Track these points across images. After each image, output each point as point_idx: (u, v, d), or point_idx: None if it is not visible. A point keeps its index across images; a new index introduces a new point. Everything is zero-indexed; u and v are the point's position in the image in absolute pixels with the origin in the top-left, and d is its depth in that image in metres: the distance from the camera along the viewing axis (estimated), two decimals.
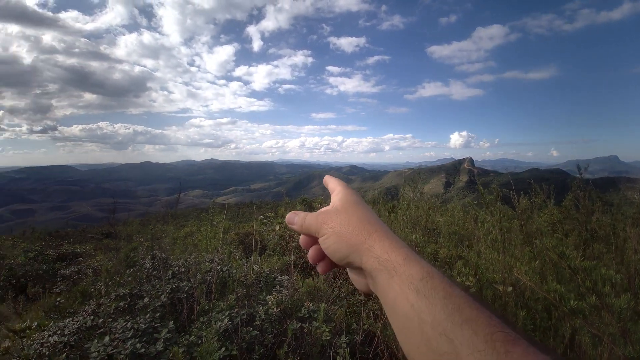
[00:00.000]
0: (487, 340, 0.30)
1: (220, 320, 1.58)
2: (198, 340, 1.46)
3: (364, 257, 0.42)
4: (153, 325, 1.48)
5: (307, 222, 0.49)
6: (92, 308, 1.86)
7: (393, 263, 0.39)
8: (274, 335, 1.65)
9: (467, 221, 4.03)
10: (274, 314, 1.70)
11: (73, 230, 11.40)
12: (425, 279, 0.36)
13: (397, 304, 0.37)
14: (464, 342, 0.31)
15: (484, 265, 2.09)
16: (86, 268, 4.51)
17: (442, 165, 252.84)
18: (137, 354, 1.27)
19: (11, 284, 5.11)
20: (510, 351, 0.29)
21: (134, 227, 8.22)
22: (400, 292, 0.37)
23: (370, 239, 0.42)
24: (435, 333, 0.32)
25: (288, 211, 0.76)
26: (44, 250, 6.52)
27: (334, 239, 0.45)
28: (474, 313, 0.32)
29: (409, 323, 0.35)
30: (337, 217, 0.46)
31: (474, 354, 0.30)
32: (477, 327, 0.31)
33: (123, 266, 2.39)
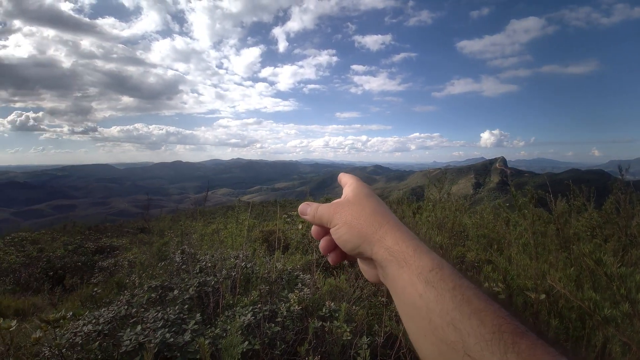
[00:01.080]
0: (495, 331, 0.30)
1: (244, 315, 1.63)
2: (223, 333, 1.52)
3: (374, 248, 0.42)
4: (182, 317, 1.56)
5: (319, 212, 0.50)
6: (126, 298, 1.99)
7: (403, 254, 0.39)
8: (295, 332, 1.67)
9: (497, 224, 3.84)
10: (295, 312, 1.73)
11: (111, 224, 12.17)
12: (434, 270, 0.36)
13: (405, 294, 0.38)
14: (471, 332, 0.31)
15: (514, 271, 1.99)
16: (122, 260, 4.80)
17: (472, 166, 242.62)
18: (166, 343, 1.34)
19: (48, 276, 5.55)
20: (518, 342, 0.29)
21: (165, 223, 8.64)
22: (410, 282, 0.37)
23: (382, 230, 0.42)
24: (442, 322, 0.33)
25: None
26: (84, 243, 7.03)
27: (345, 230, 0.45)
28: (482, 304, 0.32)
29: (416, 312, 0.36)
30: (349, 208, 0.47)
31: (480, 344, 0.30)
32: (485, 318, 0.31)
33: (155, 259, 2.52)
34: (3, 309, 4.11)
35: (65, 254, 6.14)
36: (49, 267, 5.64)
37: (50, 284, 5.26)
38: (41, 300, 4.66)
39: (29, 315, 3.98)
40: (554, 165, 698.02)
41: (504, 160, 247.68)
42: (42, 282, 5.32)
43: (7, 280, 5.33)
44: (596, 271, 1.26)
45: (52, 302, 4.53)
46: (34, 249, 6.40)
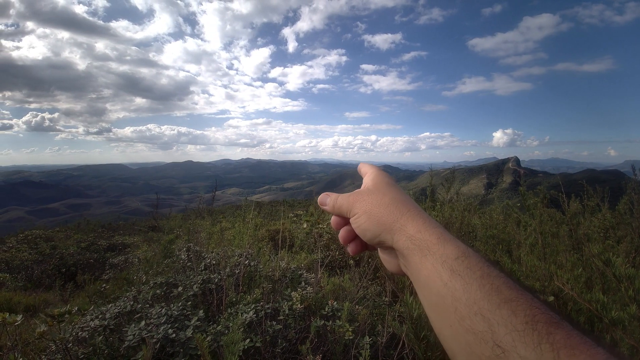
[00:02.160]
0: (528, 321, 0.28)
1: (246, 312, 1.64)
2: (225, 330, 1.53)
3: (395, 236, 0.41)
4: (185, 313, 1.58)
5: (339, 202, 0.49)
6: (132, 294, 2.03)
7: (426, 242, 0.38)
8: (297, 330, 1.67)
9: (508, 225, 3.77)
10: (298, 310, 1.73)
11: (124, 223, 12.44)
12: (460, 258, 0.35)
13: (429, 283, 0.36)
14: (501, 322, 0.29)
15: (522, 271, 1.95)
16: (132, 257, 4.90)
17: (484, 165, 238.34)
18: (169, 338, 1.36)
19: (61, 272, 5.69)
20: (553, 333, 0.27)
21: (175, 221, 8.78)
22: (434, 270, 0.36)
23: (403, 218, 0.41)
24: (470, 312, 0.31)
25: (318, 210, 0.76)
26: (96, 241, 7.20)
27: (365, 218, 0.44)
28: (513, 294, 0.31)
29: (441, 301, 0.34)
30: (369, 197, 0.46)
31: (511, 334, 0.28)
32: (517, 308, 0.30)
33: (161, 256, 2.57)
34: (13, 305, 4.20)
35: (77, 251, 6.30)
36: (62, 264, 5.80)
37: (62, 280, 5.39)
38: (53, 297, 4.78)
39: (39, 311, 4.08)
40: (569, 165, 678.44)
41: (517, 160, 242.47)
42: (54, 279, 5.46)
43: (19, 277, 5.49)
44: (606, 272, 1.22)
45: (63, 298, 4.64)
46: (47, 246, 6.58)
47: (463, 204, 3.35)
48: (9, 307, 4.09)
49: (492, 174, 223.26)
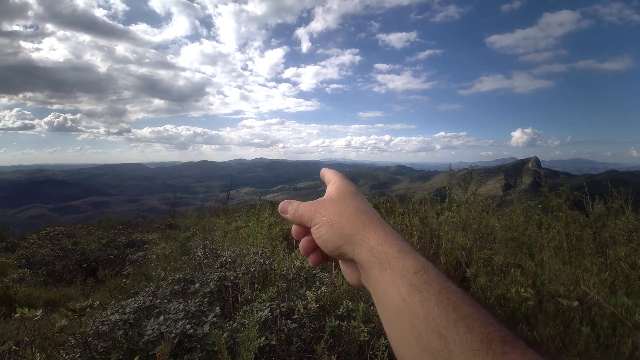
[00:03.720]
0: (483, 339, 0.28)
1: (261, 310, 1.65)
2: (240, 327, 1.54)
3: (356, 249, 0.39)
4: (202, 309, 1.60)
5: (300, 210, 0.46)
6: (151, 290, 2.07)
7: (386, 255, 0.37)
8: (312, 330, 1.67)
9: (529, 227, 3.64)
10: (312, 310, 1.72)
11: (142, 220, 12.81)
12: (419, 273, 0.34)
13: (388, 298, 0.35)
14: (457, 340, 0.28)
15: (545, 275, 1.87)
16: (151, 254, 5.02)
17: (501, 166, 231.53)
18: (187, 334, 1.38)
19: (82, 268, 5.87)
20: (508, 352, 0.27)
21: (191, 219, 8.96)
22: (392, 284, 0.35)
23: (364, 230, 0.40)
24: (427, 329, 0.30)
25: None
26: (117, 238, 7.43)
27: (326, 229, 0.42)
28: (470, 310, 0.30)
29: (399, 317, 0.33)
30: (331, 207, 0.44)
31: (466, 353, 0.28)
32: (473, 325, 0.29)
33: (179, 253, 2.62)
34: (33, 300, 4.26)
35: (98, 247, 6.52)
36: (83, 259, 6.00)
37: (84, 275, 5.57)
38: (74, 291, 4.93)
39: (59, 305, 4.19)
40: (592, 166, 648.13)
41: (537, 160, 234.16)
42: (76, 274, 5.63)
43: (40, 273, 5.66)
44: (631, 276, 1.16)
45: (84, 292, 4.80)
46: (70, 242, 6.84)
47: (481, 205, 3.26)
48: (28, 302, 4.15)
49: (510, 174, 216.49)
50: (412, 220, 3.40)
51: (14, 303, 4.04)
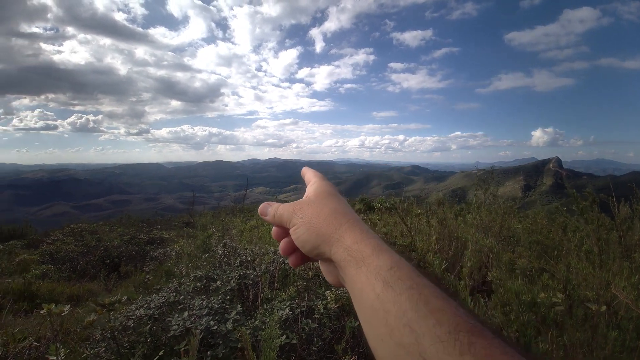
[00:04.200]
0: (451, 331, 0.28)
1: (282, 309, 1.66)
2: (262, 325, 1.56)
3: (333, 248, 0.40)
4: (224, 306, 1.62)
5: (279, 212, 0.47)
6: (174, 286, 2.12)
7: (361, 253, 0.37)
8: (332, 330, 1.67)
9: (552, 230, 3.51)
10: (332, 310, 1.72)
11: (160, 218, 13.17)
12: (393, 269, 0.35)
13: (363, 295, 0.36)
14: (426, 333, 0.29)
15: (575, 280, 1.80)
16: (170, 251, 5.15)
17: (521, 166, 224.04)
18: (210, 330, 1.40)
19: (105, 264, 6.06)
20: (474, 342, 0.27)
21: (207, 218, 9.14)
22: (367, 282, 0.35)
23: (341, 229, 0.41)
24: (399, 324, 0.31)
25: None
26: (137, 235, 7.66)
27: (304, 229, 0.43)
28: (439, 303, 0.31)
29: (374, 314, 0.34)
30: (309, 208, 0.45)
31: (435, 345, 0.28)
32: (442, 318, 0.30)
33: (200, 251, 2.67)
34: (56, 295, 4.38)
35: (120, 243, 6.73)
36: (106, 255, 6.21)
37: (107, 271, 5.75)
38: (97, 286, 5.10)
39: (83, 300, 4.31)
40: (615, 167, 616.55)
41: (558, 160, 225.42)
42: (99, 269, 5.83)
43: (63, 268, 5.86)
44: None
45: (107, 287, 4.96)
46: (93, 239, 7.10)
47: (503, 206, 3.16)
48: (51, 297, 4.27)
49: (530, 175, 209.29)
50: (430, 221, 3.34)
51: (36, 299, 4.16)
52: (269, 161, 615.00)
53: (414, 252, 3.01)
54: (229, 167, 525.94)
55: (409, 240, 3.15)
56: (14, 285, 4.19)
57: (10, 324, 2.67)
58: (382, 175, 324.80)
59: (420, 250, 2.83)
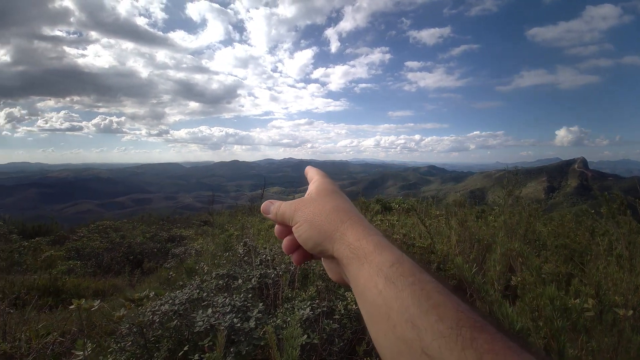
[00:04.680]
0: (453, 326, 0.29)
1: (302, 309, 1.67)
2: (283, 324, 1.58)
3: (335, 245, 0.41)
4: (246, 305, 1.66)
5: (281, 210, 0.48)
6: (196, 283, 2.18)
7: (364, 250, 0.38)
8: (352, 331, 1.67)
9: (579, 233, 3.37)
10: (353, 311, 1.72)
11: (179, 217, 13.52)
12: (395, 265, 0.35)
13: (365, 291, 0.36)
14: (428, 329, 0.29)
15: (605, 285, 1.73)
16: (190, 249, 5.28)
17: (544, 167, 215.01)
18: (234, 327, 1.43)
19: (129, 260, 6.27)
20: (477, 338, 0.27)
21: (224, 217, 9.32)
22: (369, 279, 0.36)
23: (343, 226, 0.41)
24: (401, 319, 0.31)
25: (364, 211, 0.74)
26: (158, 232, 7.89)
27: (306, 227, 0.44)
28: (441, 299, 0.31)
29: (376, 310, 0.34)
30: (311, 205, 0.45)
31: (438, 340, 0.28)
32: (444, 313, 0.30)
33: (221, 250, 2.73)
34: (82, 290, 4.52)
35: (143, 241, 6.96)
36: (130, 251, 6.43)
37: (130, 267, 5.96)
38: (121, 282, 5.28)
39: (108, 295, 4.45)
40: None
41: (584, 161, 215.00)
42: (123, 265, 6.04)
43: (89, 264, 6.09)
44: None
45: (131, 283, 5.13)
46: (117, 236, 7.36)
47: (528, 208, 3.06)
48: (77, 292, 4.38)
49: (554, 176, 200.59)
50: (450, 223, 3.28)
51: (61, 294, 4.29)
52: (284, 161, 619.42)
53: (433, 254, 2.96)
54: (245, 167, 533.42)
55: (428, 242, 3.10)
56: (40, 281, 4.35)
57: (34, 320, 2.77)
58: (397, 176, 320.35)
59: (440, 252, 2.79)
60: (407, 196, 6.46)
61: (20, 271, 5.42)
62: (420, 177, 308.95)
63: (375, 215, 4.81)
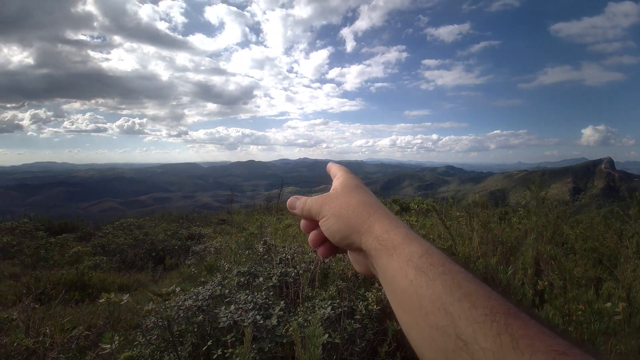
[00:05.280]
0: (487, 313, 0.29)
1: (323, 308, 1.67)
2: (304, 322, 1.58)
3: (363, 238, 0.42)
4: (267, 302, 1.67)
5: (307, 205, 0.49)
6: (218, 280, 2.23)
7: (392, 242, 0.39)
8: (374, 332, 1.65)
9: (608, 236, 3.21)
10: (374, 311, 1.70)
11: (198, 215, 13.83)
12: (424, 256, 0.36)
13: (395, 281, 0.37)
14: (462, 315, 0.30)
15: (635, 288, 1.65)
16: (210, 247, 5.40)
17: (569, 167, 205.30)
18: (257, 324, 1.45)
19: (151, 256, 6.48)
20: (511, 323, 0.28)
21: (241, 216, 9.46)
22: (399, 269, 0.37)
23: (370, 219, 0.42)
24: (433, 307, 0.32)
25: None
26: (179, 230, 8.11)
27: (334, 220, 0.45)
28: (473, 287, 0.32)
29: (407, 299, 0.35)
30: (337, 200, 0.47)
31: (472, 326, 0.29)
32: (477, 301, 0.31)
33: (242, 248, 2.78)
34: (107, 284, 4.70)
35: (165, 238, 7.17)
36: (152, 248, 6.65)
37: (153, 263, 6.16)
38: (144, 277, 5.46)
39: (132, 290, 4.60)
40: None
41: (610, 161, 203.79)
42: (146, 261, 6.26)
43: (114, 260, 6.33)
44: None
45: (153, 278, 5.29)
46: (140, 233, 7.63)
47: (555, 210, 2.93)
48: (103, 287, 4.57)
49: (579, 177, 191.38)
50: (472, 224, 3.19)
51: (88, 288, 4.47)
52: (299, 161, 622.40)
53: (454, 256, 2.89)
54: (261, 167, 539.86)
55: (449, 244, 3.04)
56: (68, 276, 4.54)
57: (59, 315, 2.87)
58: (414, 176, 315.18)
59: (462, 254, 2.72)
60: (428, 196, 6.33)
61: (47, 267, 5.68)
62: (438, 177, 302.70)
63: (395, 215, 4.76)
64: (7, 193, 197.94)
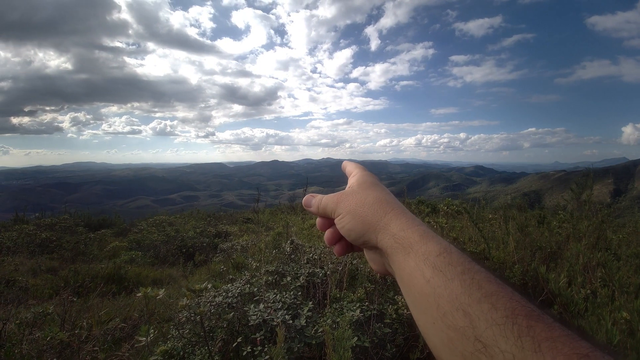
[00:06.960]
0: (508, 315, 0.28)
1: (352, 310, 1.65)
2: (333, 324, 1.57)
3: (379, 236, 0.41)
4: (296, 302, 1.68)
5: (323, 203, 0.49)
6: (246, 278, 2.27)
7: (409, 240, 0.38)
8: (405, 337, 1.61)
9: None
10: (404, 316, 1.66)
11: (224, 213, 14.23)
12: (442, 255, 0.35)
13: (412, 280, 0.36)
14: (481, 317, 0.29)
15: None
16: (236, 245, 5.53)
17: (610, 167, 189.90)
18: (286, 324, 1.46)
19: (182, 252, 6.74)
20: (534, 326, 0.27)
21: (265, 215, 9.62)
22: (416, 268, 0.36)
23: (386, 217, 0.41)
24: (451, 307, 0.31)
25: (412, 212, 0.73)
26: (206, 228, 8.39)
27: (349, 218, 0.44)
28: (493, 288, 0.31)
29: (424, 299, 0.34)
30: (353, 197, 0.46)
31: (492, 328, 0.28)
32: (497, 302, 0.29)
33: (270, 247, 2.82)
34: (142, 278, 4.95)
35: (194, 235, 7.44)
36: (183, 245, 6.92)
37: (183, 259, 6.42)
38: (176, 272, 5.69)
39: (164, 284, 4.80)
40: None
41: None
42: (177, 257, 6.53)
43: (148, 255, 6.66)
44: None
45: (184, 274, 5.50)
46: (172, 230, 7.96)
47: (600, 214, 2.72)
48: (138, 280, 4.82)
49: (620, 178, 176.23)
50: (508, 227, 3.03)
51: (124, 281, 4.74)
52: (323, 161, 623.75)
53: (487, 261, 2.76)
54: (284, 167, 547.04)
55: (482, 247, 2.90)
56: (106, 269, 4.82)
57: (96, 307, 3.01)
58: (440, 176, 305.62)
59: (495, 259, 2.59)
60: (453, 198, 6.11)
61: (86, 261, 6.07)
62: (466, 177, 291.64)
63: (425, 217, 4.63)
64: (49, 191, 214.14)
